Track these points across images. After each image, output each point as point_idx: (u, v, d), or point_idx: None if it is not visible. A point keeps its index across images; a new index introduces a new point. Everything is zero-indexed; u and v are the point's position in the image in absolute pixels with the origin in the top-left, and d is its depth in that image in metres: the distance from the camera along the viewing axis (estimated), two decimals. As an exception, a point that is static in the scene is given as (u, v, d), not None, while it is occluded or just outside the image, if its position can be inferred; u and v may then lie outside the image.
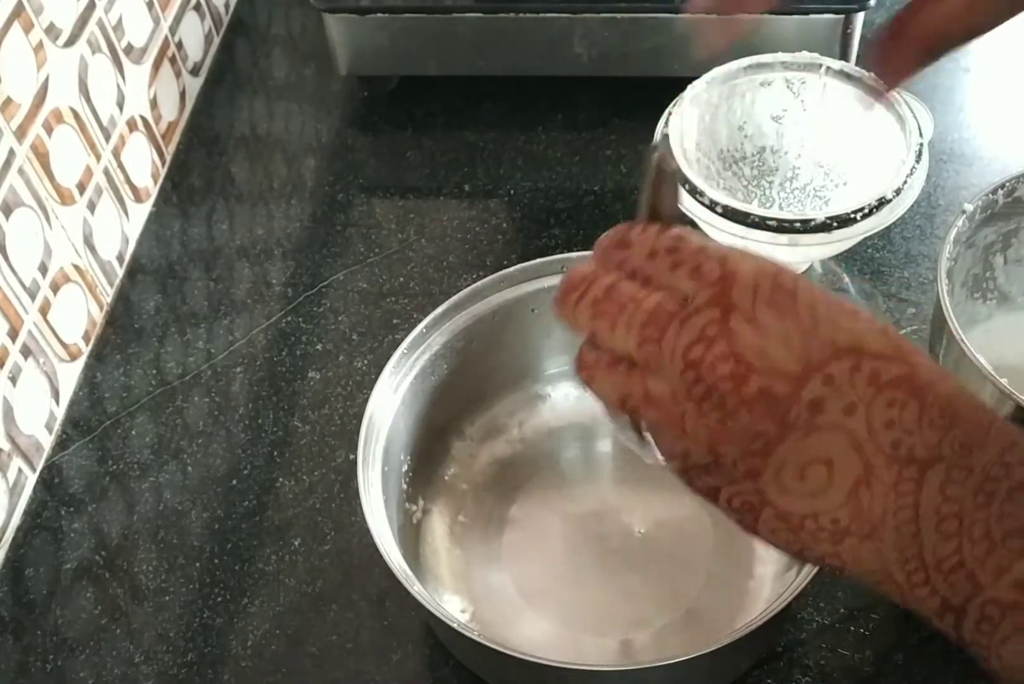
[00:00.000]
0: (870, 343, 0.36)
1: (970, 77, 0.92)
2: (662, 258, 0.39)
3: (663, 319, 0.37)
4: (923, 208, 0.82)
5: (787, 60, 0.76)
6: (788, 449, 0.35)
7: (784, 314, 0.36)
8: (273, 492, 0.72)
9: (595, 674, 0.55)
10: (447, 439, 0.70)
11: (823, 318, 0.36)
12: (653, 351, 0.37)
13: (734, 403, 0.35)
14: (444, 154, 0.91)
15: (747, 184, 0.80)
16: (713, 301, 0.36)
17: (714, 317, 0.36)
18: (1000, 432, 0.35)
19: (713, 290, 0.37)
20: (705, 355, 0.36)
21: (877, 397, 0.35)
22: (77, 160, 0.77)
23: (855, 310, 0.37)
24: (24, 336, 0.71)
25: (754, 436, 0.36)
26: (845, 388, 0.35)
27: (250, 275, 0.84)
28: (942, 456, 0.35)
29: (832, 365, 0.35)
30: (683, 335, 0.36)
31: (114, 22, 0.81)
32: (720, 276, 0.37)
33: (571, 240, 0.83)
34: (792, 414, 0.35)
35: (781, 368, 0.35)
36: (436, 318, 0.65)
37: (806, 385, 0.35)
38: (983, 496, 0.34)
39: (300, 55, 1.00)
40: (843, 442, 0.35)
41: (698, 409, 0.36)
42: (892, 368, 0.35)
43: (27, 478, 0.72)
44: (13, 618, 0.67)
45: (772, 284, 0.36)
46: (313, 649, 0.65)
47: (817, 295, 0.37)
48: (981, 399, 0.36)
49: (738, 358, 0.35)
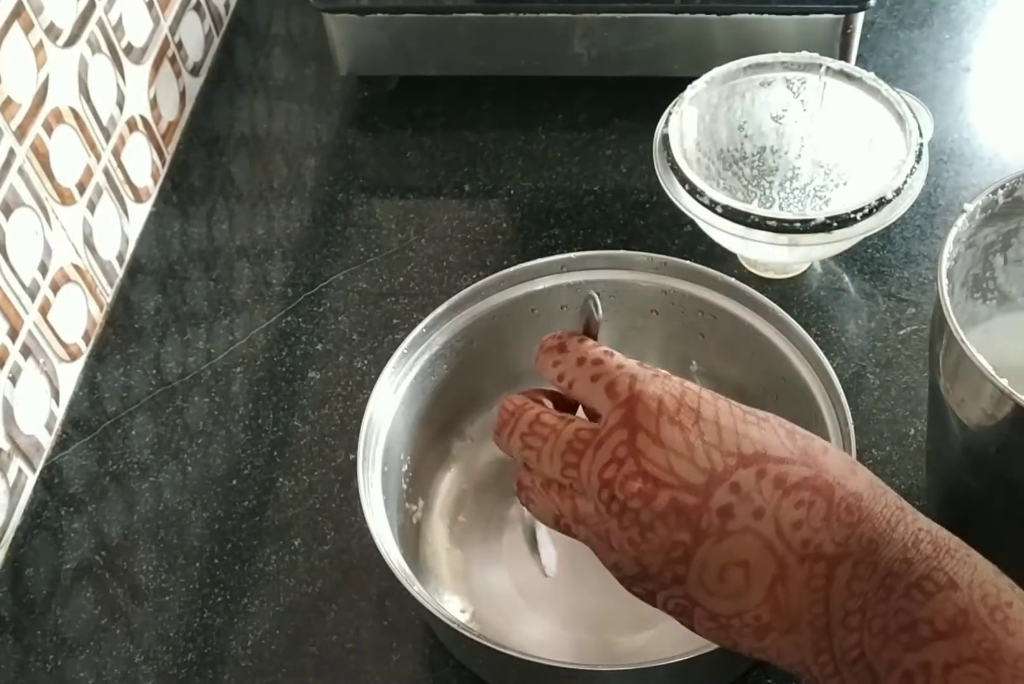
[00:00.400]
0: (775, 449, 0.39)
1: (970, 77, 0.92)
2: (587, 367, 0.43)
3: (579, 446, 0.41)
4: (923, 208, 0.82)
5: (787, 60, 0.76)
6: (705, 554, 0.38)
7: (688, 430, 0.39)
8: (273, 492, 0.72)
9: (595, 674, 0.55)
10: (447, 439, 0.70)
11: (727, 430, 0.39)
12: (574, 475, 0.41)
13: (649, 517, 0.39)
14: (444, 154, 0.91)
15: (747, 184, 0.80)
16: (622, 422, 0.40)
17: (623, 438, 0.39)
18: (905, 529, 0.37)
19: (622, 411, 0.40)
20: (616, 475, 0.39)
21: (784, 499, 0.38)
22: (77, 160, 0.77)
23: (762, 418, 0.40)
24: (24, 336, 0.71)
25: (672, 545, 0.38)
26: (752, 494, 0.38)
27: (250, 275, 0.84)
28: (850, 552, 0.37)
29: (738, 473, 0.38)
30: (598, 458, 0.40)
31: (114, 22, 0.81)
32: (628, 397, 0.40)
33: (571, 240, 0.83)
34: (704, 522, 0.38)
35: (687, 481, 0.38)
36: (436, 318, 0.65)
37: (714, 494, 0.38)
38: (884, 591, 0.36)
39: (300, 55, 1.00)
40: (755, 544, 0.38)
41: (620, 524, 0.39)
42: (797, 470, 0.38)
43: (27, 478, 0.72)
44: (13, 618, 0.67)
45: (676, 403, 0.40)
46: (313, 649, 0.65)
47: (722, 408, 0.40)
48: (890, 495, 0.39)
49: (646, 475, 0.39)
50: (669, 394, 0.40)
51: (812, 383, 0.62)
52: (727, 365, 0.69)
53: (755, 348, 0.65)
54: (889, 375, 0.74)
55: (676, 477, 0.38)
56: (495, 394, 0.71)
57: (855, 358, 0.76)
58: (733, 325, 0.65)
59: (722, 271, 0.65)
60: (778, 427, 0.40)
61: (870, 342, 0.76)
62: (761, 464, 0.38)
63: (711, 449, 0.38)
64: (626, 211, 0.85)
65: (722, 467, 0.38)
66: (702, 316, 0.67)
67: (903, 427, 0.72)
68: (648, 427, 0.39)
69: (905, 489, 0.69)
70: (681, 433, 0.39)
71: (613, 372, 0.42)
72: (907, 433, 0.72)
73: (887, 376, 0.74)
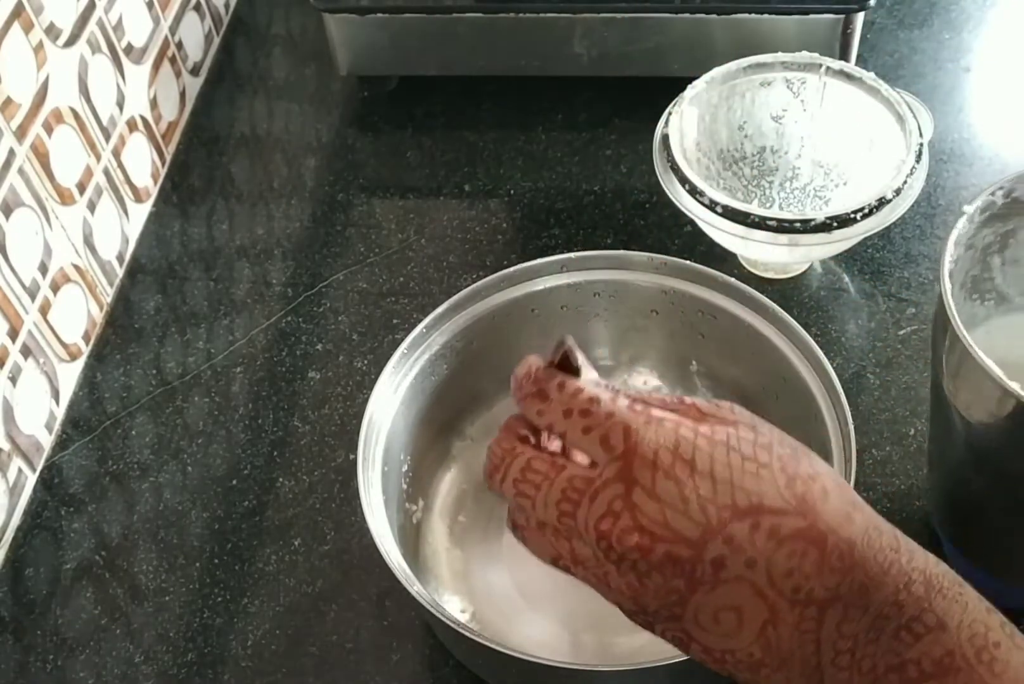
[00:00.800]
0: (770, 500, 0.39)
1: (970, 77, 0.92)
2: (576, 420, 0.42)
3: (575, 496, 0.41)
4: (923, 208, 0.82)
5: (787, 60, 0.76)
6: (699, 600, 0.39)
7: (683, 484, 0.39)
8: (273, 492, 0.72)
9: (595, 674, 0.55)
10: (447, 439, 0.70)
11: (722, 482, 0.39)
12: (570, 523, 0.41)
13: (645, 567, 0.40)
14: (444, 154, 0.91)
15: (747, 184, 0.80)
16: (618, 476, 0.40)
17: (619, 492, 0.40)
18: (898, 572, 0.38)
19: (618, 464, 0.40)
20: (613, 528, 0.40)
21: (777, 550, 0.38)
22: (77, 160, 0.77)
23: (763, 464, 0.40)
24: (24, 336, 0.71)
25: (668, 591, 0.40)
26: (745, 546, 0.39)
27: (250, 275, 0.84)
28: (840, 596, 0.38)
29: (732, 526, 0.39)
30: (593, 509, 0.40)
31: (114, 22, 0.81)
32: (624, 450, 0.40)
33: (571, 240, 0.83)
34: (698, 572, 0.39)
35: (682, 535, 0.39)
36: (436, 318, 0.65)
37: (707, 547, 0.39)
38: (874, 633, 0.38)
39: (300, 55, 1.00)
40: (748, 591, 0.39)
41: (617, 570, 0.40)
42: (791, 522, 0.39)
43: (27, 478, 0.72)
44: (13, 618, 0.67)
45: (671, 456, 0.40)
46: (313, 649, 0.65)
47: (718, 458, 0.40)
48: (885, 537, 0.39)
49: (642, 530, 0.39)
50: (664, 447, 0.40)
51: (812, 383, 0.62)
52: (727, 365, 0.69)
53: (755, 348, 0.65)
54: (889, 375, 0.74)
55: (671, 531, 0.39)
56: (495, 394, 0.71)
57: (855, 358, 0.76)
58: (733, 325, 0.65)
59: (722, 271, 0.65)
60: (779, 473, 0.40)
61: (870, 342, 0.76)
62: (755, 517, 0.39)
63: (706, 503, 0.39)
64: (626, 211, 0.85)
65: (716, 520, 0.39)
66: (702, 316, 0.67)
67: (903, 427, 0.72)
68: (644, 482, 0.40)
69: (905, 489, 0.69)
70: (676, 487, 0.39)
71: (604, 424, 0.42)
72: (907, 433, 0.72)
73: (887, 376, 0.74)
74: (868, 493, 0.69)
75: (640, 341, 0.71)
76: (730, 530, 0.39)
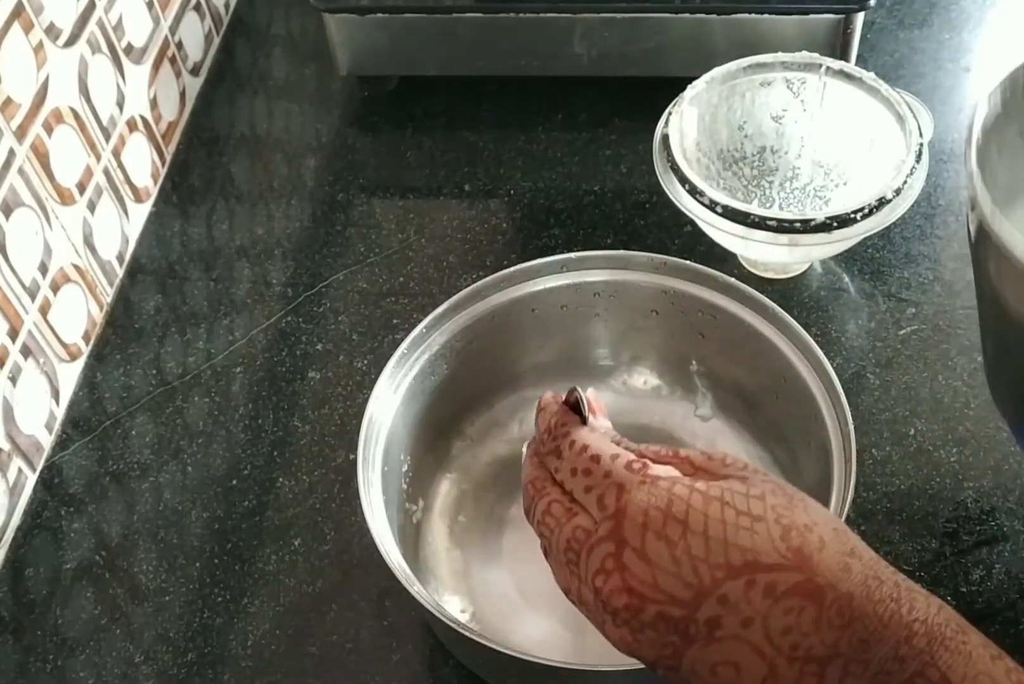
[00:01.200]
0: (765, 556, 0.39)
1: (970, 77, 0.92)
2: (580, 479, 0.44)
3: (576, 547, 0.43)
4: (923, 208, 0.82)
5: (787, 60, 0.76)
6: (695, 655, 0.39)
7: (674, 544, 0.39)
8: (273, 492, 0.72)
9: (595, 674, 0.55)
10: (447, 439, 0.70)
11: (715, 540, 0.39)
12: (575, 570, 0.43)
13: (637, 625, 0.40)
14: (444, 154, 0.91)
15: (747, 184, 0.80)
16: (610, 535, 0.41)
17: (610, 551, 0.41)
18: (899, 625, 0.37)
19: (610, 523, 0.41)
20: (604, 586, 0.40)
21: (774, 608, 0.38)
22: (77, 160, 0.77)
23: (756, 517, 0.40)
24: (24, 336, 0.71)
25: (662, 645, 0.40)
26: (741, 605, 0.38)
27: (250, 275, 0.84)
28: (840, 653, 0.37)
29: (726, 585, 0.38)
30: (590, 564, 0.41)
31: (114, 22, 0.81)
32: (615, 510, 0.41)
33: (571, 240, 0.83)
34: (692, 630, 0.39)
35: (674, 596, 0.39)
36: (436, 318, 0.65)
37: (700, 608, 0.39)
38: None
39: (300, 55, 1.00)
40: (744, 649, 0.38)
41: (613, 622, 0.41)
42: (788, 577, 0.38)
43: (27, 478, 0.72)
44: (13, 618, 0.67)
45: (662, 516, 0.40)
46: (313, 649, 0.65)
47: (712, 515, 0.40)
48: (885, 586, 0.38)
49: (631, 591, 0.40)
50: (655, 506, 0.40)
51: (812, 383, 0.62)
52: (727, 365, 0.69)
53: (755, 348, 0.65)
54: (889, 375, 0.75)
55: (662, 592, 0.39)
56: (495, 394, 0.71)
57: (855, 358, 0.76)
58: (733, 325, 0.65)
59: (722, 271, 0.65)
60: (773, 525, 0.39)
61: (870, 342, 0.76)
62: (750, 574, 0.38)
63: (698, 563, 0.39)
64: (626, 211, 0.85)
65: (709, 580, 0.38)
66: (702, 316, 0.67)
67: (903, 427, 0.72)
68: (634, 543, 0.40)
69: (905, 489, 0.69)
70: (667, 548, 0.39)
71: (601, 484, 0.43)
72: (907, 433, 0.72)
73: (887, 376, 0.74)
74: (868, 493, 0.69)
75: (640, 341, 0.71)
76: (724, 590, 0.38)
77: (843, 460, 0.58)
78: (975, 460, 0.70)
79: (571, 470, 0.45)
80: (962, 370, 0.74)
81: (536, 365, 0.72)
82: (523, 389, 0.72)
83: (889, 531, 0.67)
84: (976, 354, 0.75)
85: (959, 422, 0.72)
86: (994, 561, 0.66)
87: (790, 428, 0.65)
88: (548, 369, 0.72)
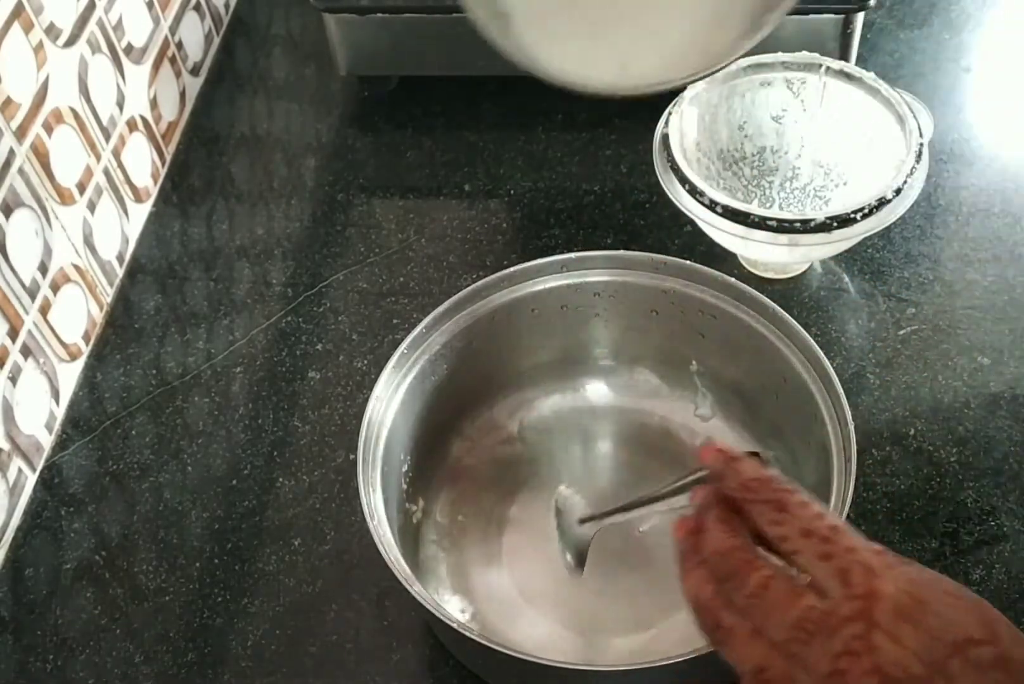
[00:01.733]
0: (973, 631, 0.40)
1: (970, 77, 0.92)
2: (815, 544, 0.43)
3: (811, 627, 0.41)
4: (923, 208, 0.82)
5: (787, 60, 0.76)
6: None
7: (918, 626, 0.40)
8: (273, 492, 0.72)
9: (595, 674, 0.55)
10: (447, 439, 0.70)
11: (944, 618, 0.40)
12: (799, 650, 0.41)
13: None
14: (444, 154, 0.91)
15: (747, 184, 0.80)
16: (859, 615, 0.40)
17: (859, 632, 0.40)
18: None
19: (858, 604, 0.41)
20: (852, 667, 0.40)
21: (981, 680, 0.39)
22: (77, 160, 0.77)
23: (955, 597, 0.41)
24: (24, 336, 0.71)
25: None
26: (958, 679, 0.39)
27: (250, 275, 0.84)
28: None
29: (950, 662, 0.39)
30: (831, 645, 0.41)
31: (114, 22, 0.81)
32: (866, 591, 0.41)
33: (571, 240, 0.83)
34: None
35: (913, 674, 0.40)
36: (436, 318, 0.65)
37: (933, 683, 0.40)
38: None
39: (300, 55, 1.00)
40: None
41: None
42: (988, 651, 0.40)
43: (27, 478, 0.72)
44: (13, 618, 0.67)
45: (912, 601, 0.41)
46: (313, 649, 0.65)
47: (939, 598, 0.41)
48: None
49: (880, 672, 0.40)
50: (904, 591, 0.41)
51: (812, 383, 0.62)
52: (727, 365, 0.69)
53: (755, 348, 0.65)
54: (889, 375, 0.75)
55: (907, 673, 0.40)
56: (495, 394, 0.71)
57: (855, 358, 0.76)
58: (733, 325, 0.65)
59: (722, 271, 0.65)
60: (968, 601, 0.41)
61: (870, 342, 0.76)
62: (965, 649, 0.40)
63: (934, 642, 0.40)
64: (626, 211, 0.85)
65: (940, 656, 0.40)
66: (702, 316, 0.67)
67: (903, 427, 0.72)
68: (887, 627, 0.40)
69: (905, 489, 0.69)
70: (914, 630, 0.40)
71: (845, 557, 0.42)
72: (907, 433, 0.72)
73: (887, 376, 0.74)
74: (868, 493, 0.69)
75: (640, 341, 0.71)
76: (949, 665, 0.39)
77: (843, 460, 0.58)
78: (975, 460, 0.70)
79: (802, 530, 0.43)
80: (962, 370, 0.74)
81: (536, 365, 0.72)
82: (523, 389, 0.72)
83: (889, 531, 0.67)
84: (976, 354, 0.75)
85: (959, 422, 0.72)
86: (994, 561, 0.66)
87: (790, 428, 0.65)
88: (548, 369, 0.72)
